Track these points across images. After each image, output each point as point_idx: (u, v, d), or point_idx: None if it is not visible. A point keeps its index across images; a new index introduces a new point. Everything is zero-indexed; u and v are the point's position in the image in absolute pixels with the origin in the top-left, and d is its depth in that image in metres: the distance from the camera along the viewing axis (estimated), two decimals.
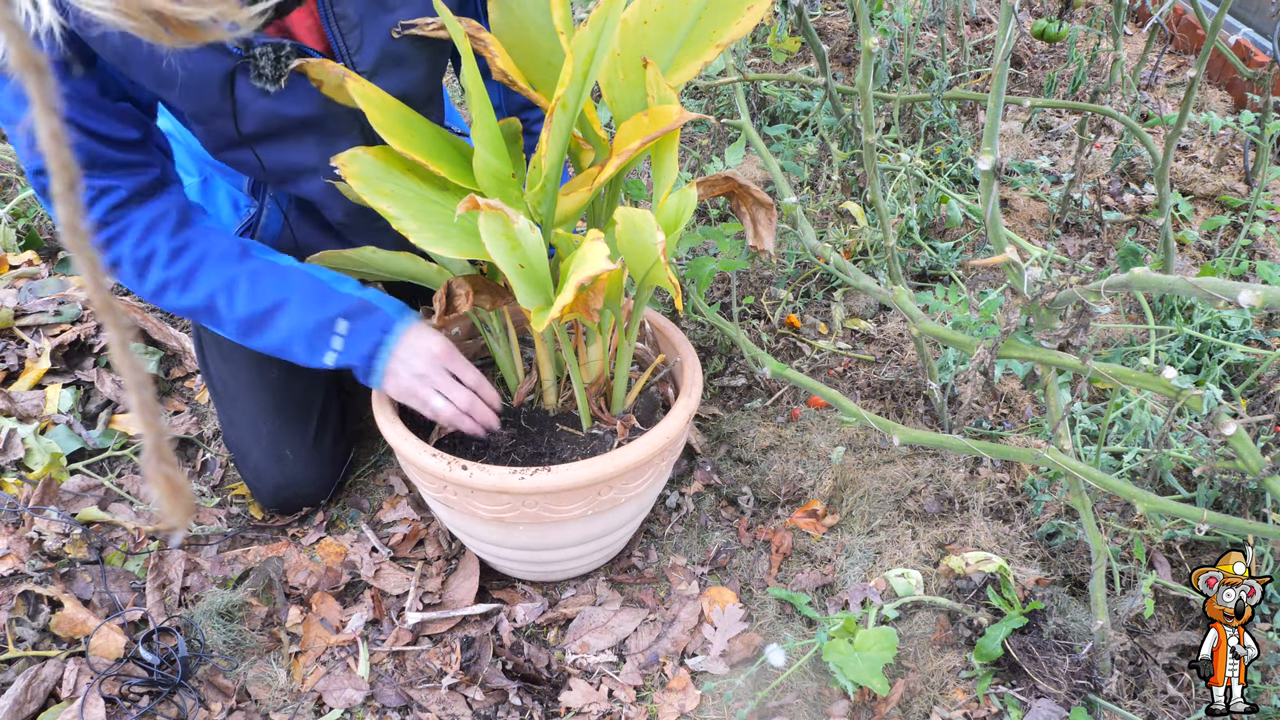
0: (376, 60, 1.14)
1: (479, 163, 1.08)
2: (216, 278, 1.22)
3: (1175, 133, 1.59)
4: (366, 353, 1.23)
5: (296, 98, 1.13)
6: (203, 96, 1.11)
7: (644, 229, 1.03)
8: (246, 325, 1.24)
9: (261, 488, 1.50)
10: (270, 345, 1.26)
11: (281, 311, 1.23)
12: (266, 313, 1.23)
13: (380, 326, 1.24)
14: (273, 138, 1.19)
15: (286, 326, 1.23)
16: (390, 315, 1.25)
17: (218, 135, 1.18)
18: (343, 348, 1.23)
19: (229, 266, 1.23)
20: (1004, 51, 0.87)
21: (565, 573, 1.42)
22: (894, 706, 1.26)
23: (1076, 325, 1.00)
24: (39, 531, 1.41)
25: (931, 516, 1.51)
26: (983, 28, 2.86)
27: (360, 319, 1.24)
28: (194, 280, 1.22)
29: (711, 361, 1.81)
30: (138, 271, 1.21)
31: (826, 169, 2.16)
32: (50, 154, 0.44)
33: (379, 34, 1.13)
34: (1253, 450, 0.93)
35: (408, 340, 1.24)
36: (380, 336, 1.23)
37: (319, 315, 1.22)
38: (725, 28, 1.12)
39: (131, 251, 1.20)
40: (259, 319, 1.23)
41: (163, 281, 1.21)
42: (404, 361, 1.23)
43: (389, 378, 1.24)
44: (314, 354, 1.24)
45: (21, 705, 1.21)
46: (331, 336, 1.23)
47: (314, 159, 1.22)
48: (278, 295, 1.23)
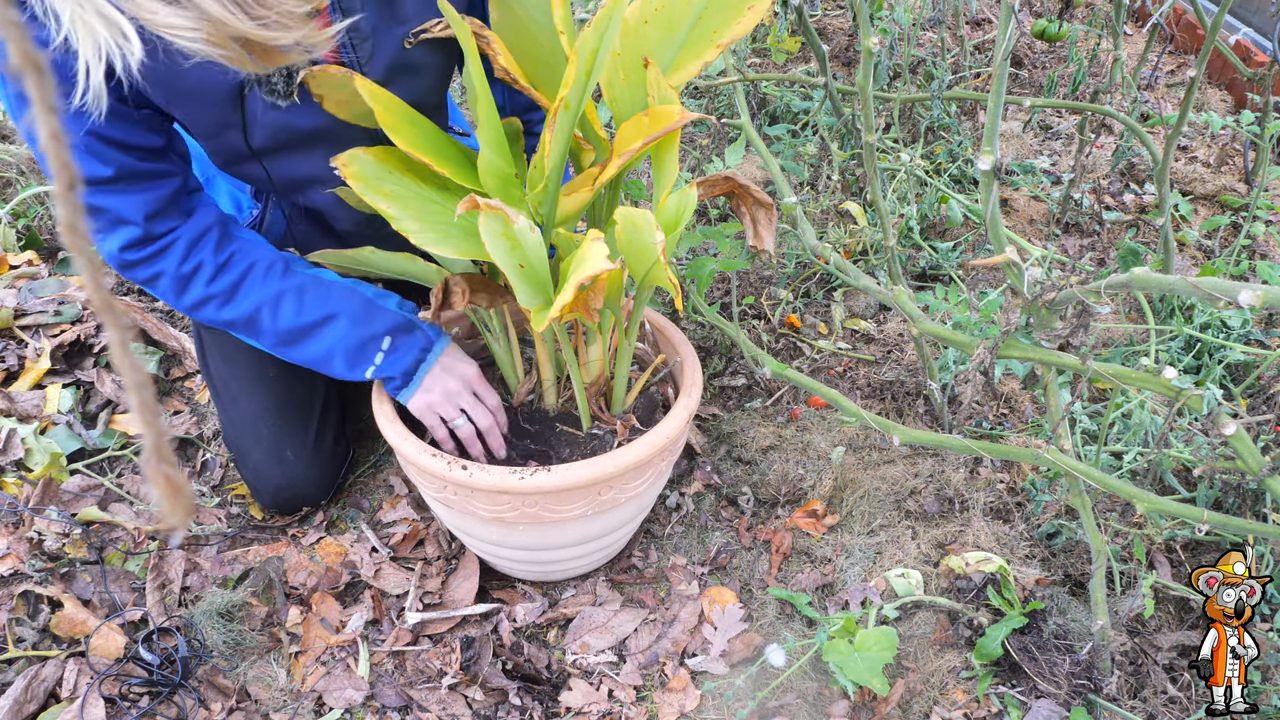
0: (387, 70, 1.15)
1: (484, 162, 1.08)
2: (262, 292, 1.25)
3: (1175, 133, 1.59)
4: (408, 368, 1.27)
5: (306, 110, 1.13)
6: (213, 110, 1.11)
7: (644, 229, 1.03)
8: (288, 338, 1.27)
9: (261, 488, 1.50)
10: (308, 357, 1.28)
11: (327, 327, 1.26)
12: (311, 326, 1.26)
13: (422, 345, 1.28)
14: (282, 150, 1.20)
15: (331, 340, 1.26)
16: (431, 335, 1.29)
17: (226, 149, 1.19)
18: (383, 362, 1.27)
19: (275, 282, 1.25)
20: (1004, 51, 0.87)
21: (565, 573, 1.42)
22: (894, 706, 1.26)
23: (1076, 325, 1.00)
24: (39, 531, 1.41)
25: (931, 516, 1.51)
26: (983, 28, 2.86)
27: (404, 336, 1.28)
28: (238, 295, 1.25)
29: (711, 361, 1.81)
30: (179, 287, 1.23)
31: (826, 169, 2.16)
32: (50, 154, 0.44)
33: (390, 44, 1.14)
34: (1253, 450, 0.93)
35: (444, 360, 1.29)
36: (421, 354, 1.28)
37: (366, 331, 1.26)
38: (725, 28, 1.12)
39: (176, 268, 1.21)
40: (302, 332, 1.26)
41: (204, 296, 1.24)
42: (438, 379, 1.27)
43: (422, 393, 1.28)
44: (353, 368, 1.28)
45: (21, 705, 1.21)
46: (375, 352, 1.27)
47: (323, 170, 1.22)
48: (324, 311, 1.26)
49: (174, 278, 1.22)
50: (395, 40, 1.14)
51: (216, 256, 1.23)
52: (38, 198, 2.15)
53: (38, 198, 2.15)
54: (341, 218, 1.35)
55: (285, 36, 0.85)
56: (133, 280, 1.24)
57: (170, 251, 1.21)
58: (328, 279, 1.28)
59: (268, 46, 0.86)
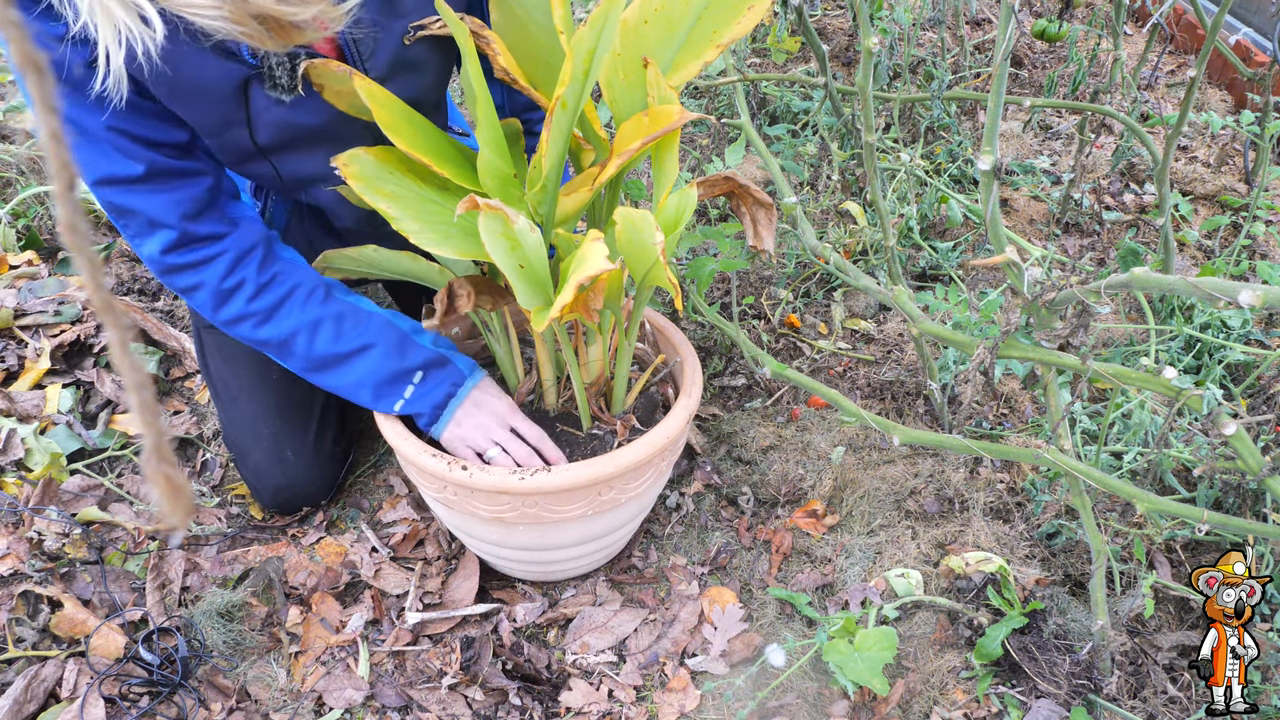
0: (388, 66, 1.15)
1: (483, 163, 1.08)
2: (302, 317, 1.23)
3: (1175, 133, 1.59)
4: (438, 402, 1.25)
5: (309, 107, 1.13)
6: (217, 106, 1.10)
7: (644, 229, 1.03)
8: (321, 363, 1.26)
9: (262, 488, 1.50)
10: (338, 385, 1.27)
11: (361, 357, 1.25)
12: (346, 355, 1.25)
13: (453, 380, 1.27)
14: (287, 148, 1.19)
15: (363, 370, 1.25)
16: (463, 370, 1.28)
17: (233, 147, 1.18)
18: (412, 395, 1.26)
19: (315, 307, 1.24)
20: (1004, 51, 0.87)
21: (565, 573, 1.42)
22: (894, 706, 1.26)
23: (1076, 325, 1.00)
24: (39, 531, 1.41)
25: (931, 516, 1.51)
26: (983, 28, 2.86)
27: (435, 370, 1.26)
28: (277, 316, 1.23)
29: (711, 361, 1.81)
30: (218, 301, 1.22)
31: (826, 169, 2.16)
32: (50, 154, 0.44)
33: (391, 40, 1.13)
34: (1253, 450, 0.93)
35: (475, 395, 1.27)
36: (452, 389, 1.26)
37: (399, 365, 1.25)
38: (725, 28, 1.12)
39: (218, 281, 1.20)
40: (336, 360, 1.25)
41: (243, 314, 1.23)
42: (469, 414, 1.26)
43: (452, 426, 1.26)
44: (380, 400, 1.26)
45: (21, 705, 1.21)
46: (406, 386, 1.25)
47: (326, 168, 1.22)
48: (361, 341, 1.25)
49: (214, 291, 1.21)
50: (396, 36, 1.14)
51: (260, 275, 1.22)
52: (38, 198, 2.16)
53: (38, 198, 2.16)
54: (342, 215, 1.35)
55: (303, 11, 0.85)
56: (172, 287, 1.23)
57: (214, 264, 1.20)
58: (367, 309, 1.27)
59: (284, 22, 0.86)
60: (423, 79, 1.21)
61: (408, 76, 1.18)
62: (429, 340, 1.29)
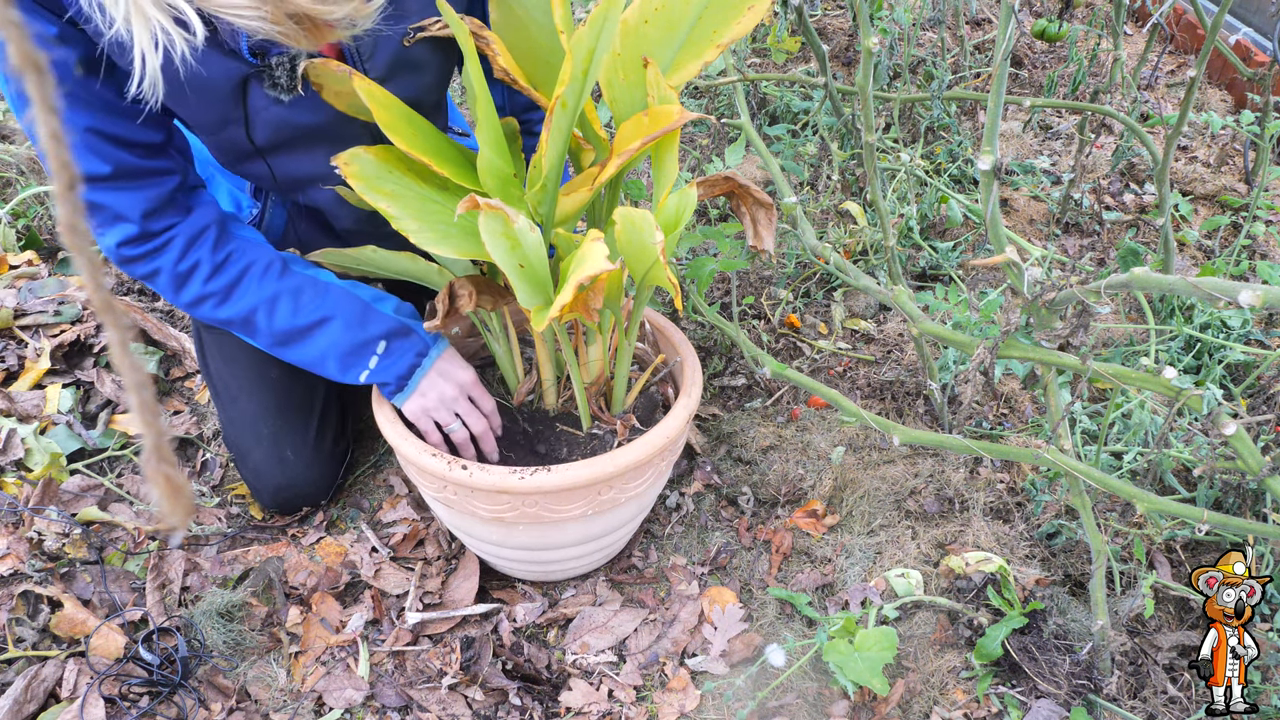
0: (388, 66, 1.15)
1: (484, 162, 1.08)
2: (259, 293, 1.24)
3: (1175, 133, 1.59)
4: (402, 372, 1.26)
5: (308, 106, 1.13)
6: (215, 106, 1.11)
7: (644, 229, 1.03)
8: (283, 338, 1.27)
9: (262, 488, 1.50)
10: (303, 359, 1.28)
11: (322, 329, 1.26)
12: (306, 329, 1.26)
13: (417, 350, 1.27)
14: (284, 147, 1.19)
15: (325, 343, 1.26)
16: (426, 339, 1.28)
17: (230, 146, 1.18)
18: (377, 366, 1.26)
19: (271, 283, 1.25)
20: (1004, 51, 0.87)
21: (565, 573, 1.42)
22: (894, 706, 1.26)
23: (1076, 325, 1.00)
24: (39, 531, 1.41)
25: (931, 516, 1.51)
26: (983, 28, 2.86)
27: (399, 340, 1.27)
28: (235, 294, 1.24)
29: (711, 361, 1.81)
30: (176, 284, 1.23)
31: (826, 169, 2.16)
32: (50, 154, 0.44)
33: (392, 41, 1.13)
34: (1253, 450, 0.93)
35: (440, 365, 1.28)
36: (416, 359, 1.27)
37: (360, 335, 1.25)
38: (725, 28, 1.12)
39: (173, 265, 1.21)
40: (297, 334, 1.26)
41: (201, 294, 1.24)
42: (434, 384, 1.27)
43: (416, 396, 1.27)
44: (346, 371, 1.27)
45: (21, 705, 1.21)
46: (370, 356, 1.26)
47: (324, 168, 1.22)
48: (320, 313, 1.25)
49: (171, 275, 1.22)
50: (397, 37, 1.14)
51: (214, 255, 1.23)
52: (38, 198, 2.15)
53: (38, 198, 2.15)
54: (342, 216, 1.35)
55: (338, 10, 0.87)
56: (132, 275, 1.24)
57: (168, 249, 1.20)
58: (325, 280, 1.28)
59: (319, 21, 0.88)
60: (423, 79, 1.21)
61: (408, 77, 1.18)
62: (390, 309, 1.29)
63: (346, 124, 1.17)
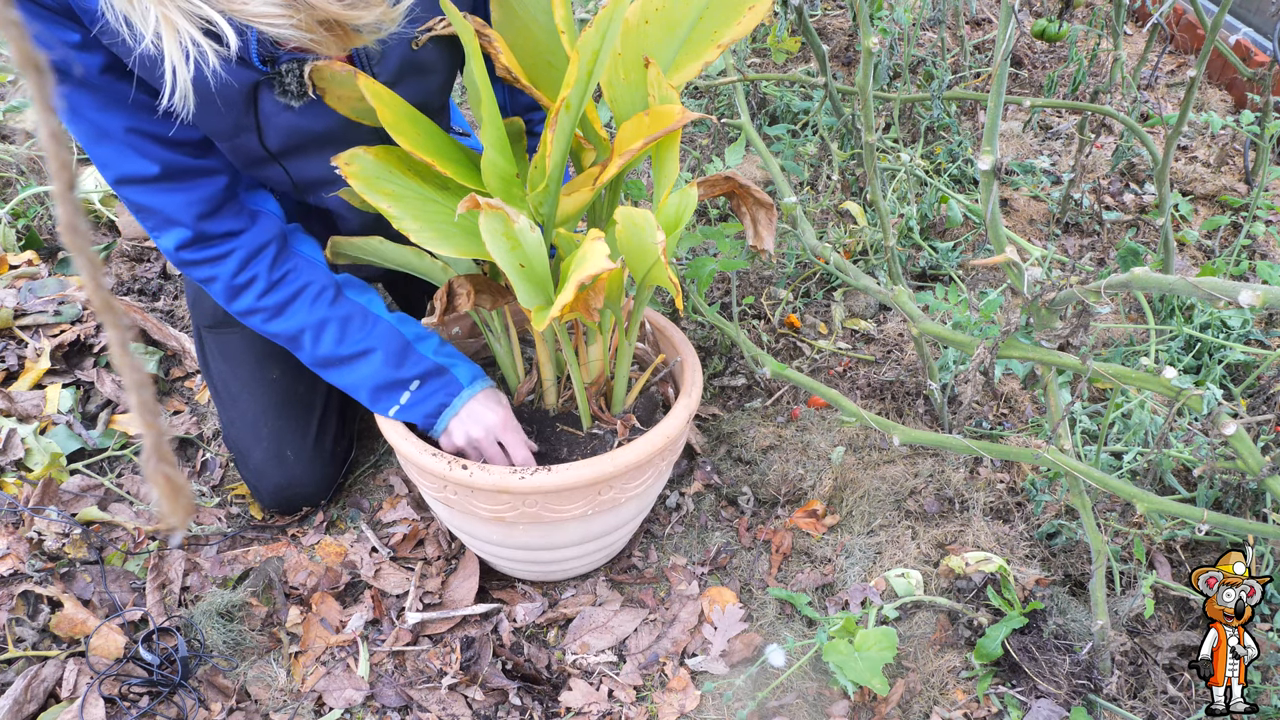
0: (397, 70, 1.15)
1: (488, 162, 1.08)
2: (309, 316, 1.25)
3: (1175, 133, 1.59)
4: (431, 410, 1.27)
5: (318, 112, 1.13)
6: (228, 112, 1.11)
7: (644, 229, 1.03)
8: (324, 362, 1.28)
9: (262, 488, 1.50)
10: (339, 383, 1.30)
11: (363, 360, 1.27)
12: (348, 358, 1.27)
13: (448, 390, 1.27)
14: (297, 152, 1.20)
15: (363, 374, 1.27)
16: (460, 381, 1.28)
17: (244, 152, 1.19)
18: (407, 402, 1.27)
19: (323, 308, 1.26)
20: (1004, 51, 0.87)
21: (565, 573, 1.42)
22: (894, 706, 1.26)
23: (1076, 325, 1.00)
24: (39, 531, 1.41)
25: (931, 516, 1.51)
26: (983, 28, 2.86)
27: (433, 379, 1.27)
28: (286, 313, 1.25)
29: (711, 361, 1.81)
30: (231, 294, 1.24)
31: (826, 169, 2.16)
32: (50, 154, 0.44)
33: (400, 45, 1.14)
34: (1253, 450, 0.93)
35: (471, 407, 1.27)
36: (446, 400, 1.27)
37: (396, 374, 1.26)
38: (726, 28, 1.12)
39: (230, 277, 1.23)
40: (338, 361, 1.27)
41: (253, 308, 1.25)
42: (463, 425, 1.26)
43: (445, 436, 1.28)
44: (377, 403, 1.28)
45: (21, 705, 1.21)
46: (402, 393, 1.27)
47: (331, 172, 1.23)
48: (363, 345, 1.26)
49: (227, 285, 1.23)
50: (404, 41, 1.14)
51: (271, 273, 1.24)
52: (38, 198, 2.15)
53: (38, 198, 2.15)
54: (348, 219, 1.35)
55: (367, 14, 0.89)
56: (190, 278, 1.26)
57: (228, 260, 1.22)
58: (375, 313, 1.28)
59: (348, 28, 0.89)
60: (431, 82, 1.22)
61: (416, 80, 1.18)
62: (431, 349, 1.29)
63: (355, 129, 1.17)
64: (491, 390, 1.30)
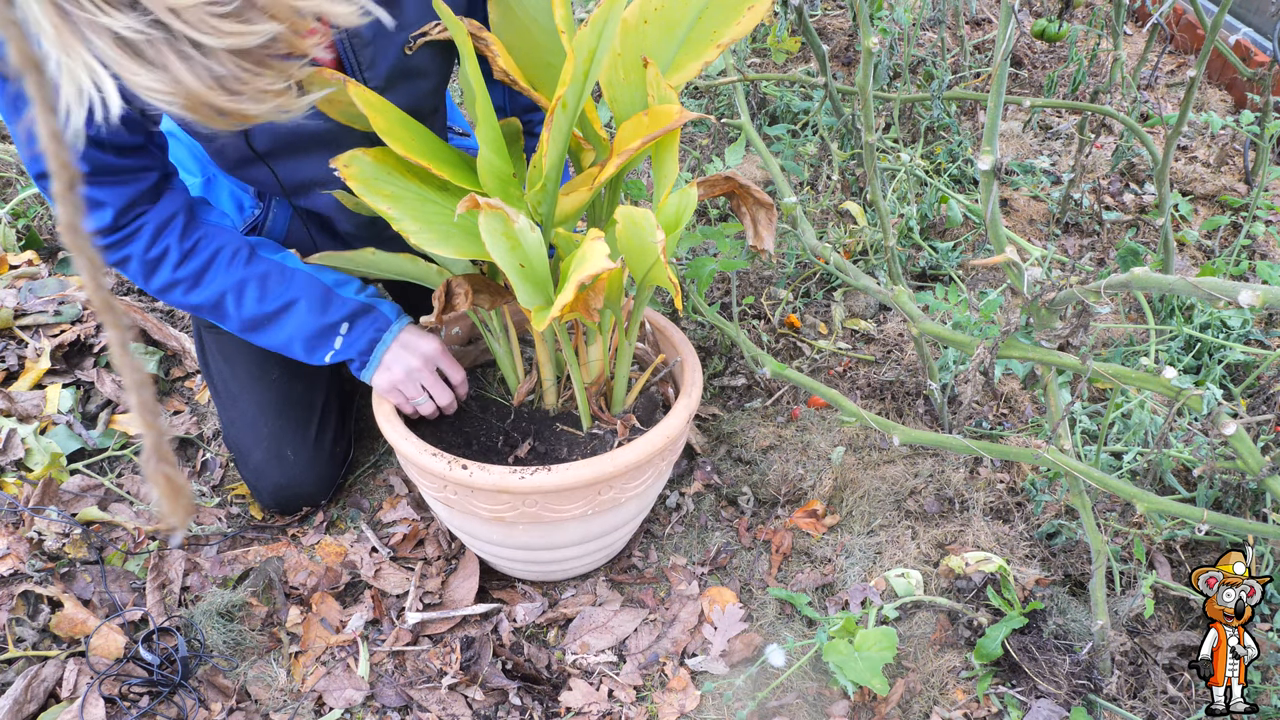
0: (388, 76, 1.15)
1: (483, 162, 1.08)
2: (226, 280, 1.26)
3: (1175, 133, 1.59)
4: (364, 347, 1.29)
5: (308, 114, 1.13)
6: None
7: (644, 228, 1.03)
8: (251, 324, 1.29)
9: (262, 488, 1.50)
10: (271, 343, 1.31)
11: (288, 314, 1.28)
12: (273, 314, 1.28)
13: (378, 325, 1.30)
14: (285, 152, 1.20)
15: (291, 328, 1.28)
16: (389, 316, 1.31)
17: (230, 152, 1.19)
18: (341, 346, 1.30)
19: (239, 269, 1.27)
20: (1004, 51, 0.87)
21: (565, 573, 1.42)
22: (894, 706, 1.26)
23: (1076, 325, 1.00)
24: (39, 531, 1.41)
25: (931, 516, 1.51)
26: (983, 28, 2.86)
27: (361, 318, 1.30)
28: (203, 281, 1.26)
29: (711, 361, 1.81)
30: (146, 271, 1.24)
31: (826, 169, 2.16)
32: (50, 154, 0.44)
33: (391, 50, 1.14)
34: (1253, 450, 0.93)
35: (403, 338, 1.30)
36: (377, 334, 1.30)
37: (324, 319, 1.28)
38: (725, 28, 1.12)
39: (143, 252, 1.22)
40: (264, 320, 1.28)
41: (171, 281, 1.25)
42: (398, 357, 1.29)
43: (382, 371, 1.30)
44: (312, 354, 1.30)
45: (21, 705, 1.21)
46: (334, 338, 1.29)
47: (324, 173, 1.22)
48: (284, 298, 1.27)
49: (141, 261, 1.23)
50: (396, 46, 1.14)
51: (182, 243, 1.24)
52: (38, 198, 2.16)
53: (38, 198, 2.16)
54: (343, 220, 1.35)
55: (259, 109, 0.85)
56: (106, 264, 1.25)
57: (138, 236, 1.21)
58: (291, 266, 1.29)
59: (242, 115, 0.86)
60: (423, 86, 1.22)
61: (408, 85, 1.18)
62: (353, 291, 1.31)
63: (346, 130, 1.17)
64: (414, 324, 1.33)
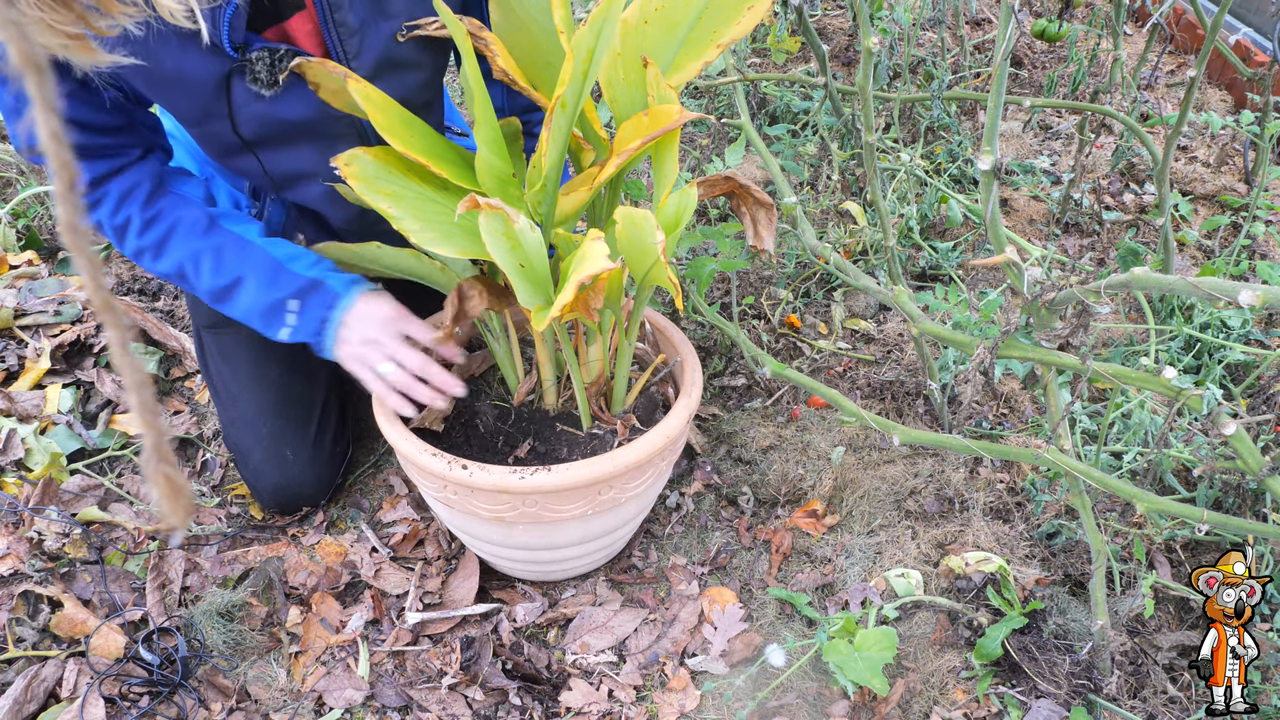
0: (375, 66, 1.15)
1: (481, 162, 1.08)
2: (183, 249, 1.26)
3: (1175, 133, 1.59)
4: (315, 329, 1.27)
5: (292, 102, 1.13)
6: (197, 99, 1.11)
7: (644, 228, 1.03)
8: (213, 296, 1.28)
9: (261, 488, 1.50)
10: (235, 315, 1.30)
11: (240, 288, 1.27)
12: (228, 288, 1.27)
13: (326, 303, 1.26)
14: (271, 143, 1.20)
15: (245, 302, 1.27)
16: (337, 290, 1.26)
17: (217, 139, 1.19)
18: (296, 324, 1.27)
19: (195, 240, 1.26)
20: (1004, 51, 0.87)
21: (565, 573, 1.42)
22: (894, 706, 1.26)
23: (1076, 325, 1.00)
24: (39, 531, 1.41)
25: (931, 516, 1.51)
26: (983, 28, 2.86)
27: (309, 296, 1.26)
28: (165, 250, 1.26)
29: (711, 361, 1.81)
30: (116, 237, 1.26)
31: (826, 169, 2.16)
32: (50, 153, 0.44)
33: (378, 40, 1.13)
34: (1253, 450, 0.93)
35: (356, 309, 1.26)
36: (326, 313, 1.26)
37: (271, 296, 1.26)
38: (725, 28, 1.12)
39: (109, 219, 1.24)
40: (222, 292, 1.28)
41: (138, 248, 1.26)
42: (352, 329, 1.25)
43: (340, 345, 1.26)
44: (270, 329, 1.28)
45: (21, 705, 1.21)
46: (285, 314, 1.27)
47: (311, 164, 1.22)
48: (236, 272, 1.26)
49: (110, 227, 1.24)
50: (383, 36, 1.14)
51: (144, 212, 1.24)
52: (38, 198, 2.16)
53: (38, 198, 2.16)
54: (334, 215, 1.35)
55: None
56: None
57: (103, 204, 1.22)
58: (247, 239, 1.28)
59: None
60: (412, 78, 1.21)
61: (396, 76, 1.18)
62: (305, 265, 1.27)
63: (333, 120, 1.17)
64: (376, 291, 1.29)
